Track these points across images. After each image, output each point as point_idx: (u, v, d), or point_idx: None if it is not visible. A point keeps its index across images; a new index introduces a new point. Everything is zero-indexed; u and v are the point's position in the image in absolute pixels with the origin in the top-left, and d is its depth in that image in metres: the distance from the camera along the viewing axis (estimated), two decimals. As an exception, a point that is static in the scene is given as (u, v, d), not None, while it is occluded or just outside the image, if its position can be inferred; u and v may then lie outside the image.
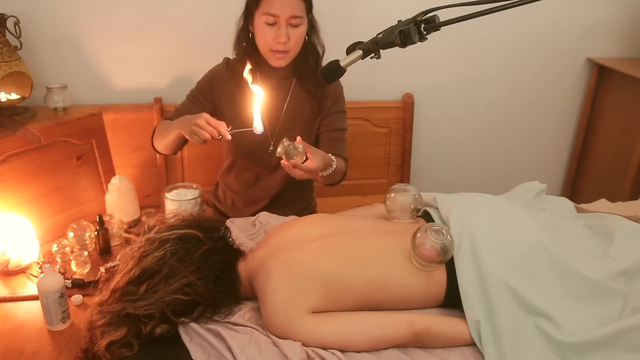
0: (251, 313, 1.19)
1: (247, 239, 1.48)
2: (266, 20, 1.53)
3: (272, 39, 1.54)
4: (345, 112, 1.78)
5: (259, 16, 1.55)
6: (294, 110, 1.70)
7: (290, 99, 1.69)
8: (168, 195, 1.77)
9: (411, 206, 1.31)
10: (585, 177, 2.66)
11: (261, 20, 1.54)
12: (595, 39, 2.48)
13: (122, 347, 1.05)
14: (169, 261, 1.12)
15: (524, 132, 2.61)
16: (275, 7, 1.51)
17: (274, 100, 1.68)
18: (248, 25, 1.63)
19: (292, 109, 1.70)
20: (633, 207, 1.74)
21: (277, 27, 1.53)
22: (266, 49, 1.58)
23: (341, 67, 1.18)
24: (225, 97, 1.69)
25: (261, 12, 1.54)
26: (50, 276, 1.21)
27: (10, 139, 1.68)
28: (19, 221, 1.50)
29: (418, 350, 1.10)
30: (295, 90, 1.69)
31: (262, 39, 1.57)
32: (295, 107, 1.70)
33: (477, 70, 2.44)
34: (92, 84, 2.15)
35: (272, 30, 1.54)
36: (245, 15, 1.62)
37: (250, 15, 1.60)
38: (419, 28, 1.06)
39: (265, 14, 1.52)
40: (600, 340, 1.05)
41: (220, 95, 1.70)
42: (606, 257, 1.21)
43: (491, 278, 1.11)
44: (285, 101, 1.69)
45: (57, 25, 2.05)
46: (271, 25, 1.53)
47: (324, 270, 1.14)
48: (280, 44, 1.54)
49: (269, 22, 1.53)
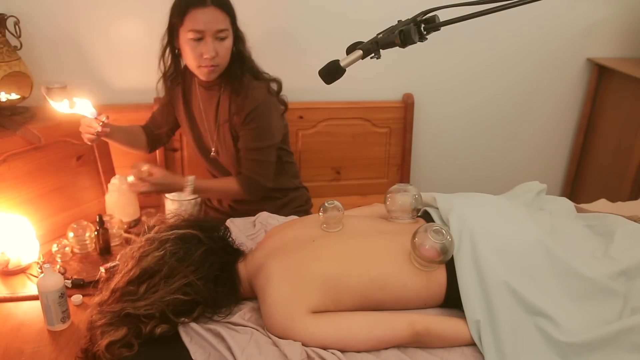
0: (251, 313, 1.19)
1: (247, 239, 1.49)
2: (192, 37, 1.53)
3: (200, 55, 1.55)
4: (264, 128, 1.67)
5: (184, 33, 1.54)
6: (223, 114, 1.71)
7: (221, 104, 1.70)
8: (168, 195, 1.77)
9: (411, 206, 1.31)
10: (585, 177, 2.66)
11: (186, 37, 1.54)
12: (595, 39, 2.48)
13: (122, 347, 1.05)
14: (168, 261, 1.12)
15: (523, 132, 2.61)
16: (199, 23, 1.51)
17: (208, 107, 1.72)
18: (173, 42, 1.63)
19: (222, 113, 1.71)
20: (633, 207, 1.74)
21: (203, 43, 1.54)
22: (194, 64, 1.58)
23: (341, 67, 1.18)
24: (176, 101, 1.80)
25: (186, 30, 1.53)
26: (50, 276, 1.21)
27: (10, 139, 1.68)
28: (19, 221, 1.50)
29: (418, 350, 1.10)
30: (223, 97, 1.69)
31: (189, 56, 1.58)
32: (224, 112, 1.71)
33: (477, 70, 2.44)
34: (92, 84, 2.15)
35: (198, 46, 1.54)
36: (169, 33, 1.62)
37: (174, 32, 1.59)
38: (419, 28, 1.06)
39: (190, 31, 1.52)
40: (600, 340, 1.05)
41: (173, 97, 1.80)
42: (606, 257, 1.21)
43: (491, 278, 1.11)
44: (218, 107, 1.71)
45: (57, 25, 2.05)
46: (197, 41, 1.54)
47: (324, 270, 1.14)
48: (208, 59, 1.55)
49: (195, 38, 1.53)
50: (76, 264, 1.50)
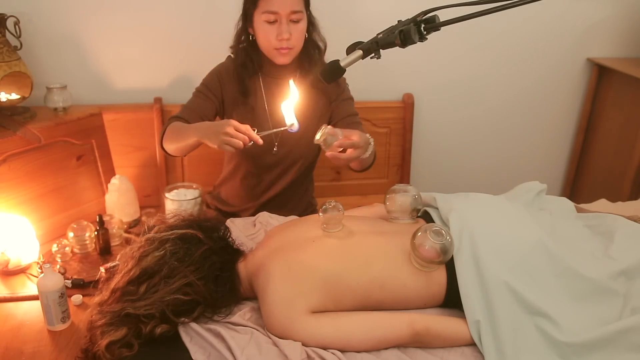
0: (251, 313, 1.19)
1: (247, 239, 1.48)
2: (266, 19, 1.53)
3: (275, 37, 1.54)
4: (353, 99, 1.77)
5: (259, 16, 1.54)
6: (302, 107, 1.68)
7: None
8: (168, 195, 1.77)
9: (411, 207, 1.30)
10: (585, 177, 2.66)
11: (261, 19, 1.54)
12: (595, 39, 2.48)
13: (122, 347, 1.05)
14: (168, 261, 1.12)
15: (523, 132, 2.61)
16: (274, 4, 1.51)
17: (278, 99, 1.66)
18: (247, 27, 1.62)
19: (301, 107, 1.68)
20: (633, 207, 1.74)
21: (278, 25, 1.53)
22: (270, 48, 1.57)
23: (341, 67, 1.18)
24: (231, 98, 1.69)
25: (260, 12, 1.53)
26: (50, 276, 1.21)
27: (10, 139, 1.68)
28: (19, 221, 1.50)
29: (418, 350, 1.10)
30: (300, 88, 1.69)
31: (264, 39, 1.57)
32: (304, 104, 1.68)
33: (477, 70, 2.44)
34: (92, 84, 2.15)
35: (273, 29, 1.54)
36: (243, 18, 1.62)
37: (248, 17, 1.59)
38: (419, 28, 1.06)
39: (265, 13, 1.52)
40: (600, 340, 1.05)
41: (228, 94, 1.69)
42: (606, 257, 1.21)
43: (491, 278, 1.11)
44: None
45: (57, 25, 2.05)
46: (272, 24, 1.53)
47: (324, 270, 1.14)
48: (283, 41, 1.54)
49: (270, 21, 1.53)
50: (76, 264, 1.51)
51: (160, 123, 2.16)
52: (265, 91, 1.69)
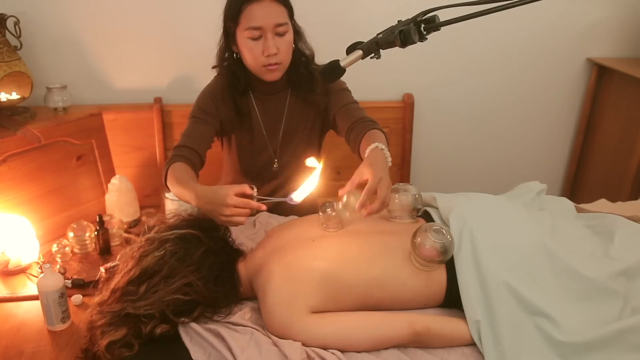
0: (251, 313, 1.19)
1: (247, 239, 1.49)
2: (250, 36, 1.44)
3: (261, 53, 1.45)
4: (349, 90, 1.66)
5: (241, 33, 1.45)
6: (292, 121, 1.65)
7: (288, 111, 1.63)
8: (168, 195, 1.77)
9: (411, 206, 1.31)
10: (585, 177, 2.66)
11: (244, 36, 1.45)
12: (595, 39, 2.48)
13: (122, 347, 1.05)
14: (168, 261, 1.12)
15: (523, 132, 2.60)
16: (256, 19, 1.42)
17: (272, 115, 1.64)
18: (230, 45, 1.53)
19: (291, 121, 1.65)
20: (633, 207, 1.74)
21: (263, 40, 1.44)
22: (257, 65, 1.48)
23: (341, 67, 1.18)
24: (228, 119, 1.62)
25: (243, 29, 1.44)
26: (50, 276, 1.21)
27: (10, 139, 1.68)
28: (19, 221, 1.50)
29: (418, 350, 1.10)
30: (292, 102, 1.63)
31: (250, 57, 1.47)
32: (294, 119, 1.65)
33: (477, 70, 2.44)
34: (92, 84, 2.15)
35: (258, 45, 1.44)
36: (225, 36, 1.52)
37: (230, 35, 1.50)
38: (419, 28, 1.06)
39: (248, 29, 1.43)
40: (600, 340, 1.05)
41: (224, 116, 1.61)
42: (606, 257, 1.21)
43: (491, 278, 1.11)
44: (284, 114, 1.64)
45: (57, 25, 2.05)
46: (256, 40, 1.44)
47: (324, 270, 1.14)
48: (271, 57, 1.45)
49: (254, 37, 1.44)
50: (76, 264, 1.51)
51: (160, 123, 2.16)
52: (259, 110, 1.63)
